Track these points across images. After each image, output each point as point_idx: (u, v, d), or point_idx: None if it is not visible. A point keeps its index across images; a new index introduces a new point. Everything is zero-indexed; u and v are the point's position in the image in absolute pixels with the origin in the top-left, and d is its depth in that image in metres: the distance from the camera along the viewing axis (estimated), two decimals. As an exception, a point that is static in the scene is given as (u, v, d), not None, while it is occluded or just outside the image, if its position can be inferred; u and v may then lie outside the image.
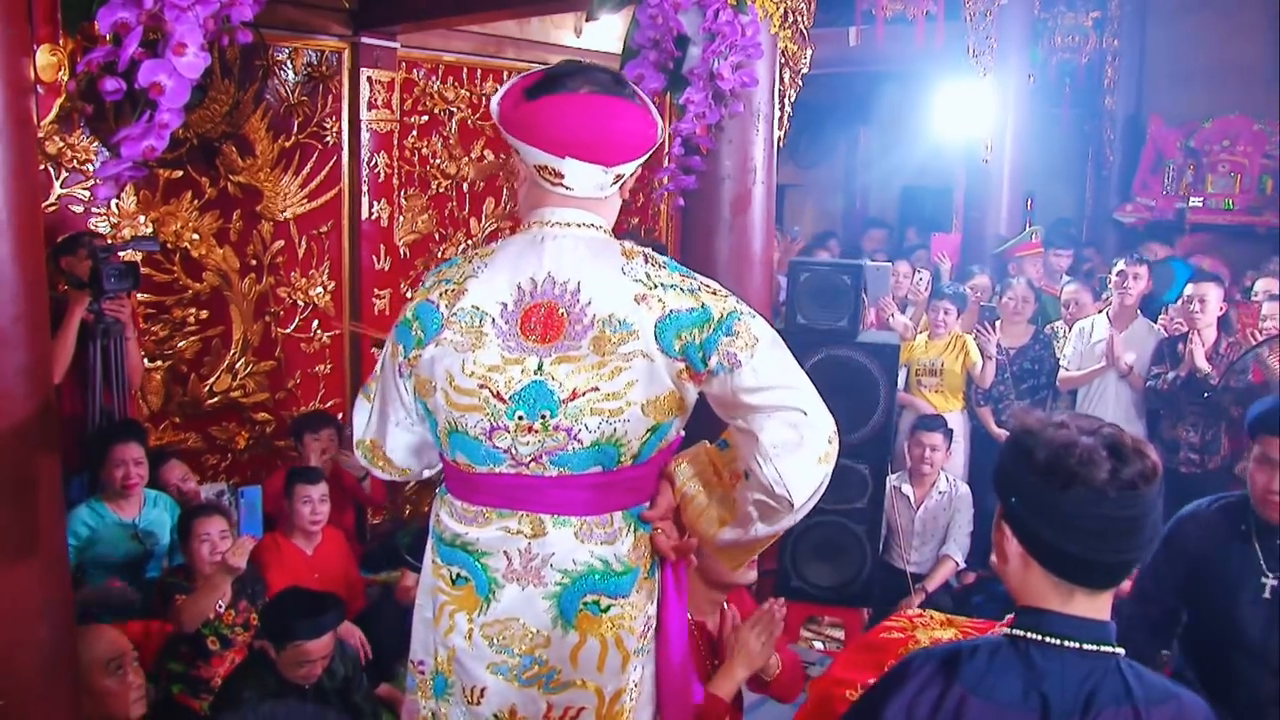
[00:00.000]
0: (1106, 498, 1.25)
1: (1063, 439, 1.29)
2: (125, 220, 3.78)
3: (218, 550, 3.09)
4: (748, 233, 3.46)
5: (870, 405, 3.56)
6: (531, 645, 1.60)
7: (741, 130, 3.34)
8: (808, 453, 1.51)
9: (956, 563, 4.44)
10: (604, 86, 1.59)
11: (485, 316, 1.57)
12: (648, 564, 1.65)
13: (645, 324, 1.52)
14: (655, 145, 1.65)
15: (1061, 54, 7.35)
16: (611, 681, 1.63)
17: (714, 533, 1.63)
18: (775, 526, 1.58)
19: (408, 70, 4.69)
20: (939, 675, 1.34)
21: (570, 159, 1.56)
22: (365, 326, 4.57)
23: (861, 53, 6.76)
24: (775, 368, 1.54)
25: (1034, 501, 1.31)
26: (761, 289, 3.56)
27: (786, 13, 3.31)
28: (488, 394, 1.55)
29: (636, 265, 1.57)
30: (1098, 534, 1.27)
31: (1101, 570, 1.31)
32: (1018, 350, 4.94)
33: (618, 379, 1.52)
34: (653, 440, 1.58)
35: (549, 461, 1.55)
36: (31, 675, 1.99)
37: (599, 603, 1.60)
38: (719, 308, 1.55)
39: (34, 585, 2.00)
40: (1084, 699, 1.27)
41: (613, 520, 1.60)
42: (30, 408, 1.98)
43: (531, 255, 1.58)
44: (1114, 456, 1.26)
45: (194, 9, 1.93)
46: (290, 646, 2.66)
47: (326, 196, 4.45)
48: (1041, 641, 1.32)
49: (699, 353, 1.52)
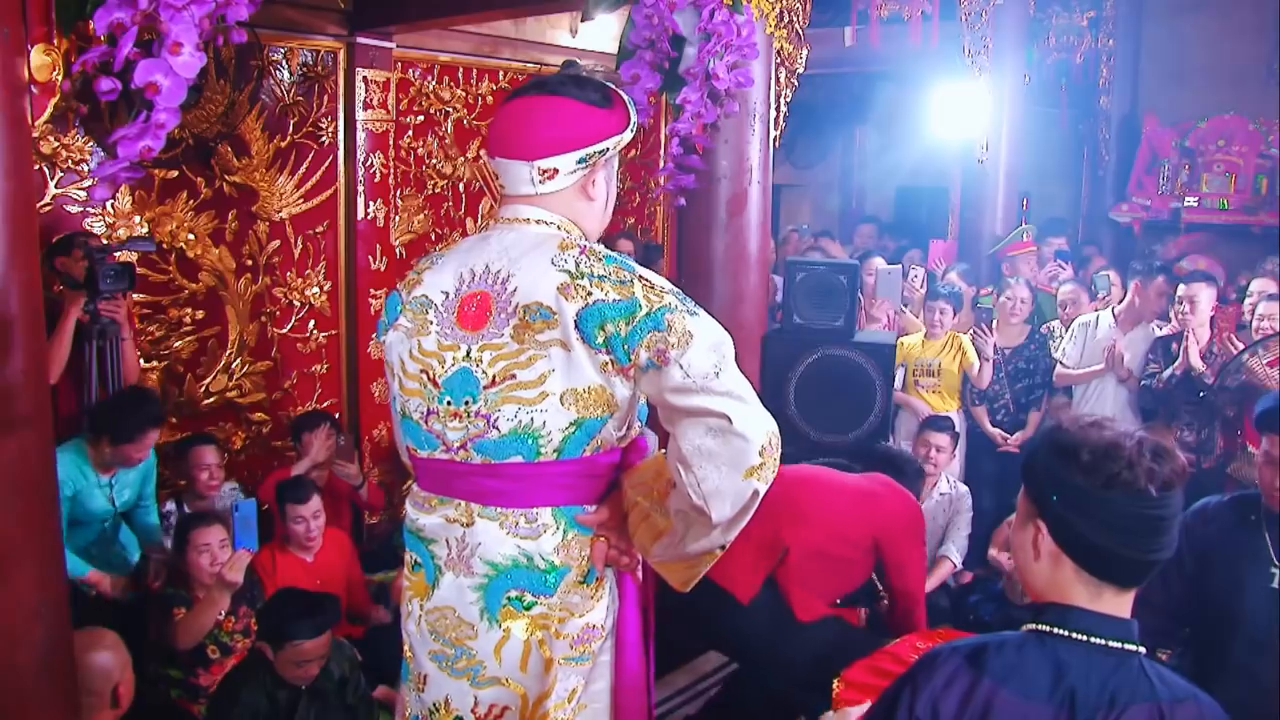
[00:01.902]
0: (1148, 497, 1.29)
1: (1108, 440, 1.32)
2: (120, 220, 3.77)
3: (217, 560, 3.08)
4: (744, 232, 3.47)
5: (866, 405, 3.57)
6: (461, 636, 1.61)
7: (738, 130, 3.34)
8: (729, 464, 1.44)
9: (954, 563, 4.44)
10: (548, 88, 1.62)
11: (431, 304, 1.63)
12: (583, 568, 1.61)
13: (567, 313, 1.49)
14: (603, 138, 1.62)
15: (1057, 54, 7.37)
16: (534, 684, 1.60)
17: (648, 544, 1.60)
18: (703, 543, 1.53)
19: (403, 70, 4.68)
20: (966, 668, 1.35)
21: (499, 158, 1.64)
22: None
23: (857, 53, 6.78)
24: (707, 369, 1.46)
25: (1076, 500, 1.33)
26: (757, 288, 3.57)
27: (782, 13, 3.32)
28: (426, 379, 1.61)
29: (569, 256, 1.54)
30: (1135, 532, 1.31)
31: (1133, 568, 1.34)
32: (1013, 350, 4.95)
33: (534, 367, 1.52)
34: (578, 436, 1.54)
35: (473, 448, 1.57)
36: (28, 675, 1.99)
37: (521, 599, 1.58)
38: (650, 301, 1.49)
39: (31, 586, 2.00)
40: (1109, 695, 1.30)
41: (539, 515, 1.58)
42: (26, 408, 1.98)
43: (479, 249, 1.63)
44: (1153, 458, 1.31)
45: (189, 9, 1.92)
46: (287, 646, 2.67)
47: (322, 196, 4.44)
48: (1068, 637, 1.34)
49: (623, 345, 1.48)
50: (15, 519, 1.97)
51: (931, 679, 1.36)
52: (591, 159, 1.62)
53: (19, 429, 1.97)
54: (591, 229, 1.69)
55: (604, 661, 1.66)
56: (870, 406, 3.56)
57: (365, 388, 4.65)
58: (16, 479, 1.98)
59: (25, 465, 2.00)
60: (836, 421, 3.53)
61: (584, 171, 1.63)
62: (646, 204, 5.89)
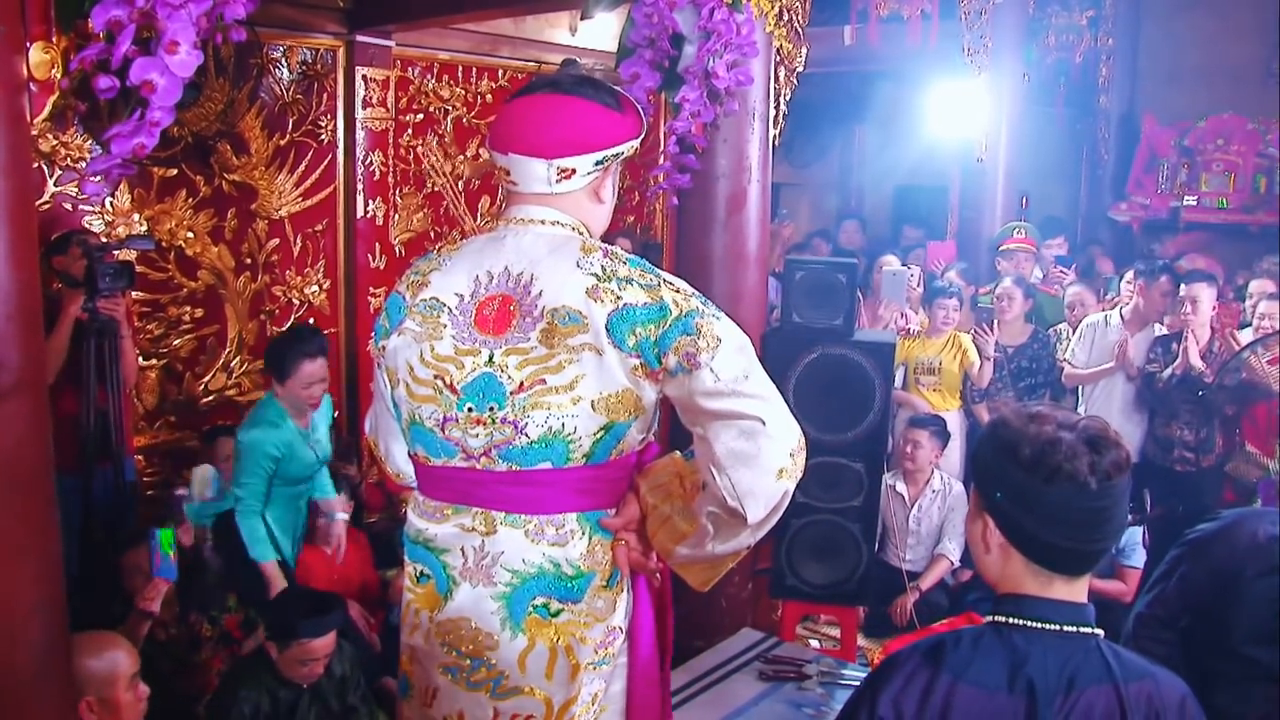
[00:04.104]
0: (1088, 490, 1.30)
1: (1047, 435, 1.33)
2: (119, 218, 3.77)
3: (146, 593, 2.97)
4: (743, 231, 3.46)
5: (865, 403, 3.56)
6: (480, 647, 1.58)
7: (737, 129, 3.34)
8: (764, 465, 1.45)
9: (951, 561, 4.45)
10: (564, 87, 1.60)
11: (443, 308, 1.59)
12: (606, 572, 1.60)
13: (597, 317, 1.48)
14: (620, 143, 1.62)
15: (1056, 53, 7.36)
16: (560, 691, 1.58)
17: (671, 547, 1.59)
18: (732, 544, 1.54)
19: (403, 68, 4.68)
20: (924, 665, 1.37)
21: (512, 154, 1.60)
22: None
23: (856, 52, 6.77)
24: (737, 373, 1.47)
25: (1019, 496, 1.35)
26: (756, 287, 3.56)
27: (782, 11, 3.31)
28: (441, 385, 1.56)
29: (594, 259, 1.54)
30: (1077, 524, 1.33)
31: (1079, 558, 1.36)
32: (1016, 349, 4.95)
33: (565, 372, 1.50)
34: (607, 440, 1.53)
35: (498, 456, 1.54)
36: (26, 675, 1.98)
37: (548, 606, 1.56)
38: (679, 305, 1.50)
39: (28, 585, 1.99)
40: (1067, 679, 1.32)
41: (565, 522, 1.56)
42: (24, 407, 1.98)
43: (492, 250, 1.60)
44: (1092, 450, 1.31)
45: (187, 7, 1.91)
46: (295, 645, 2.67)
47: (321, 195, 4.44)
48: (1023, 626, 1.36)
49: (654, 349, 1.48)
50: (14, 517, 1.96)
51: (891, 680, 1.37)
52: (607, 162, 1.62)
53: (16, 427, 1.97)
54: (597, 230, 1.68)
55: (621, 663, 1.66)
56: (870, 405, 3.55)
57: (364, 386, 4.65)
58: (14, 477, 1.97)
59: (23, 463, 1.99)
60: (836, 420, 3.52)
61: (598, 174, 1.62)
62: (646, 202, 5.89)
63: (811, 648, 4.06)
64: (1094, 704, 1.31)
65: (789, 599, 3.83)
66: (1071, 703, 1.31)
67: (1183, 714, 1.35)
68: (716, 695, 3.22)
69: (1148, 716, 1.32)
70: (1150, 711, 1.33)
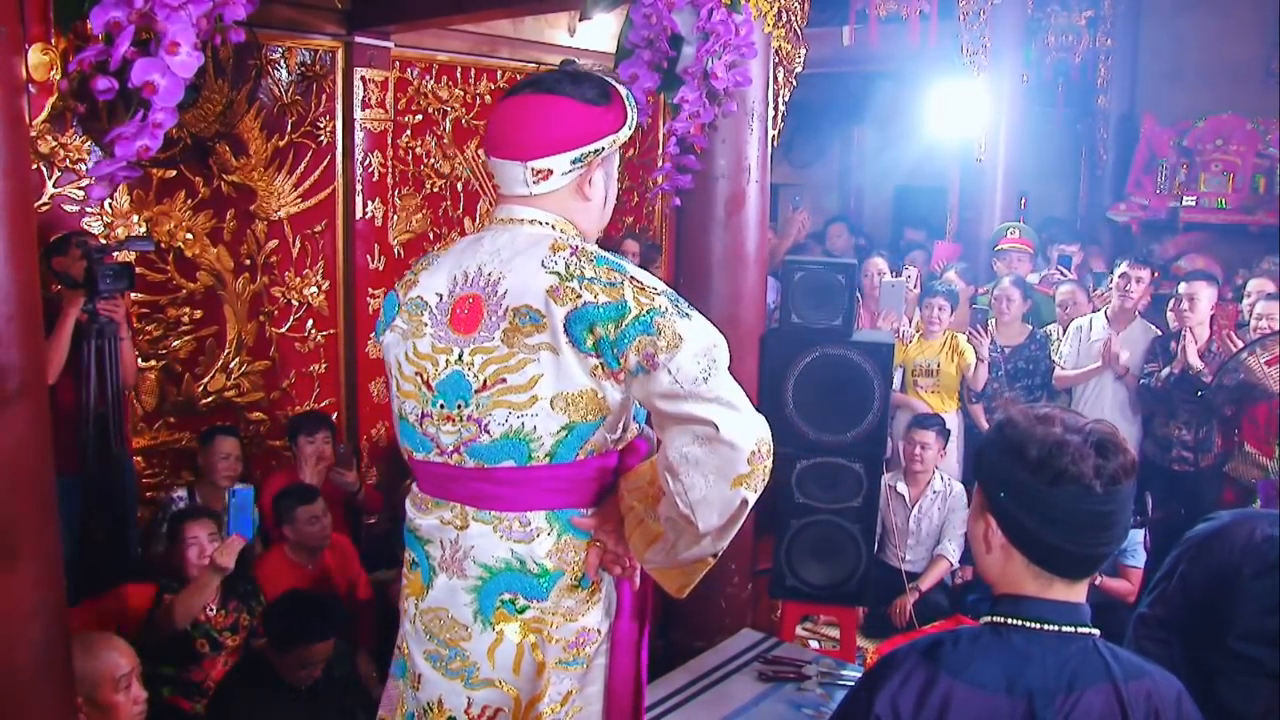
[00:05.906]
0: (1093, 493, 1.30)
1: (1054, 437, 1.32)
2: (119, 220, 3.77)
3: (205, 553, 3.09)
4: (742, 232, 3.46)
5: (865, 404, 3.56)
6: (455, 637, 1.61)
7: (736, 129, 3.34)
8: (716, 472, 1.41)
9: (951, 562, 4.45)
10: (544, 86, 1.59)
11: (425, 306, 1.62)
12: (577, 572, 1.59)
13: (556, 316, 1.47)
14: (599, 138, 1.59)
15: (1055, 53, 7.37)
16: (526, 688, 1.59)
17: (643, 550, 1.58)
18: (695, 551, 1.51)
19: (402, 70, 4.68)
20: (922, 665, 1.36)
21: (494, 157, 1.62)
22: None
23: (855, 52, 6.78)
24: (696, 375, 1.42)
25: (1023, 496, 1.34)
26: (756, 287, 3.56)
27: (780, 12, 3.32)
28: (420, 381, 1.60)
29: (559, 258, 1.52)
30: (1081, 527, 1.32)
31: (1080, 561, 1.36)
32: (1013, 349, 4.95)
33: (523, 371, 1.50)
34: (570, 440, 1.52)
35: (465, 453, 1.56)
36: (25, 676, 1.98)
37: (515, 602, 1.58)
38: (640, 304, 1.46)
39: (28, 586, 1.99)
40: (1066, 680, 1.32)
41: (532, 519, 1.56)
42: (24, 409, 1.98)
43: (472, 250, 1.62)
44: (1099, 454, 1.31)
45: (186, 8, 1.92)
46: (295, 649, 2.67)
47: (320, 196, 4.44)
48: (1022, 626, 1.36)
49: (612, 349, 1.46)
50: (14, 518, 1.96)
51: (889, 678, 1.37)
52: (587, 158, 1.60)
53: (16, 428, 1.97)
54: (588, 228, 1.67)
55: (599, 665, 1.65)
56: (869, 406, 3.56)
57: (364, 387, 4.65)
58: (14, 478, 1.97)
59: (23, 464, 1.99)
60: (835, 421, 3.52)
61: (580, 171, 1.61)
62: (645, 203, 5.89)
63: (811, 648, 4.06)
64: (1094, 704, 1.31)
65: (789, 599, 3.83)
66: (1071, 703, 1.31)
67: (1179, 711, 1.36)
68: (716, 695, 3.22)
69: (1147, 714, 1.33)
70: (1149, 709, 1.33)
